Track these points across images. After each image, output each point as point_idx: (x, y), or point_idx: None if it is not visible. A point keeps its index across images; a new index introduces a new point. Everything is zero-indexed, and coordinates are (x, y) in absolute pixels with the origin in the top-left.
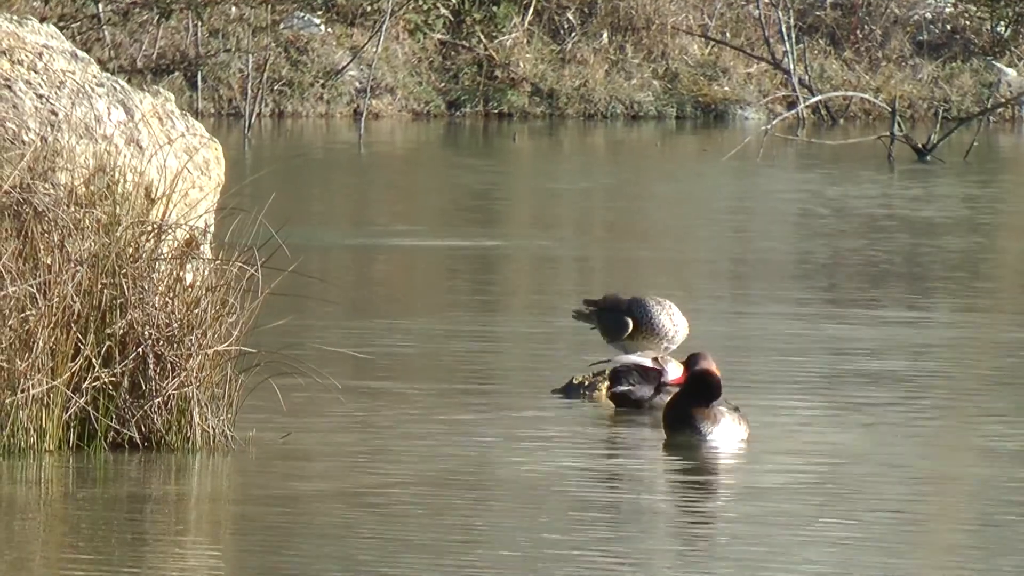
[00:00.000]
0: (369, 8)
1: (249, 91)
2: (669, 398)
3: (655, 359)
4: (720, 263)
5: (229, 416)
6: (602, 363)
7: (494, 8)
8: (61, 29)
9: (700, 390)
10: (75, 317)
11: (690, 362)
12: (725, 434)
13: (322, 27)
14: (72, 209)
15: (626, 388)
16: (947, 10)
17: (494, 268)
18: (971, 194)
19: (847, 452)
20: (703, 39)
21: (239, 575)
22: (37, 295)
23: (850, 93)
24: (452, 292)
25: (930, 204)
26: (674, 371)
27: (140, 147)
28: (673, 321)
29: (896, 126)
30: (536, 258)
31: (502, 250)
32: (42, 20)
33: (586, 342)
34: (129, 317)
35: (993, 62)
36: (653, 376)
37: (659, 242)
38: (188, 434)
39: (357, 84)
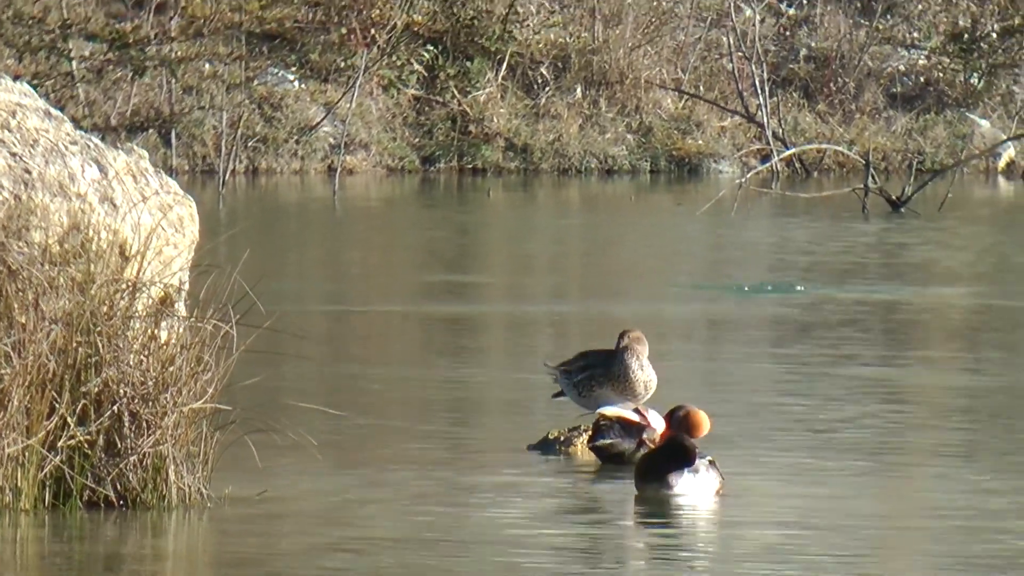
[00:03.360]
0: (343, 64)
1: (223, 148)
2: (646, 451)
3: (637, 410)
4: (695, 317)
5: (205, 474)
6: (587, 414)
7: (468, 63)
8: (35, 87)
9: (675, 454)
10: (50, 376)
11: (672, 417)
12: (696, 486)
13: (296, 83)
14: (46, 267)
15: (608, 441)
16: (920, 62)
17: (468, 325)
18: (945, 245)
19: (819, 506)
20: (677, 93)
21: None
22: (11, 354)
23: (824, 145)
24: (427, 349)
25: (904, 255)
26: (656, 421)
27: (114, 205)
28: (647, 384)
29: (870, 178)
30: (511, 315)
31: (477, 308)
32: (16, 78)
33: (563, 398)
34: (104, 375)
35: (967, 113)
36: (636, 430)
37: (634, 297)
38: (164, 492)
39: (331, 140)
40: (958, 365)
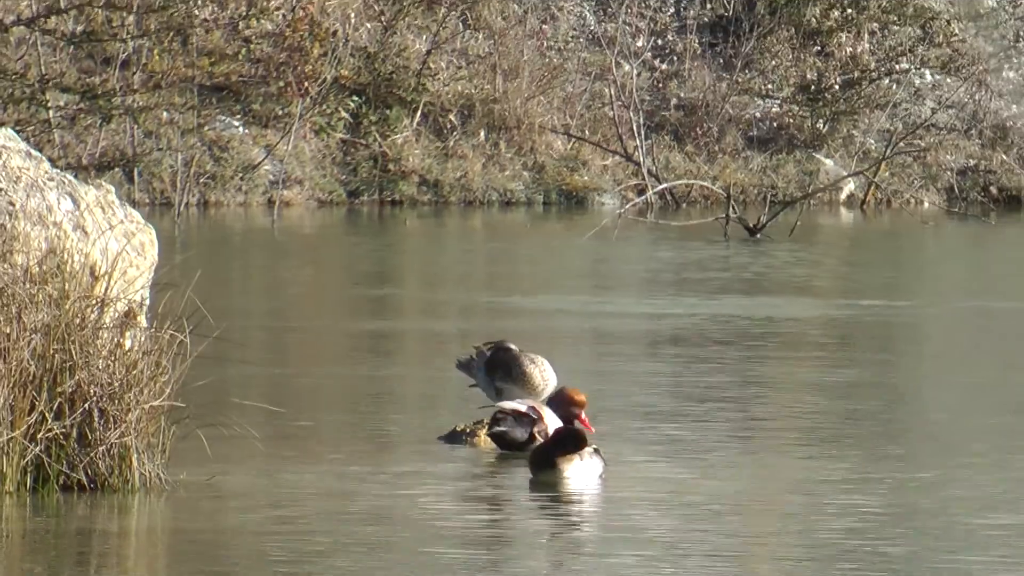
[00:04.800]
0: (281, 112)
1: (178, 184)
2: (540, 442)
3: (533, 407)
4: (585, 329)
5: (163, 461)
6: (488, 407)
7: (387, 111)
8: (17, 132)
9: (567, 440)
10: (31, 378)
11: (557, 397)
12: (583, 470)
13: (241, 128)
14: (27, 286)
15: (503, 429)
16: (774, 110)
17: (388, 334)
18: (795, 265)
19: (690, 487)
20: (566, 136)
21: None
22: None
23: (691, 181)
24: (352, 354)
25: (760, 273)
26: (550, 418)
27: (85, 232)
28: (544, 376)
29: (731, 209)
30: (425, 325)
31: (396, 319)
32: (0, 125)
33: (469, 395)
34: (77, 377)
35: (813, 153)
36: (527, 421)
37: (531, 310)
38: (128, 477)
39: (271, 177)
40: (813, 365)
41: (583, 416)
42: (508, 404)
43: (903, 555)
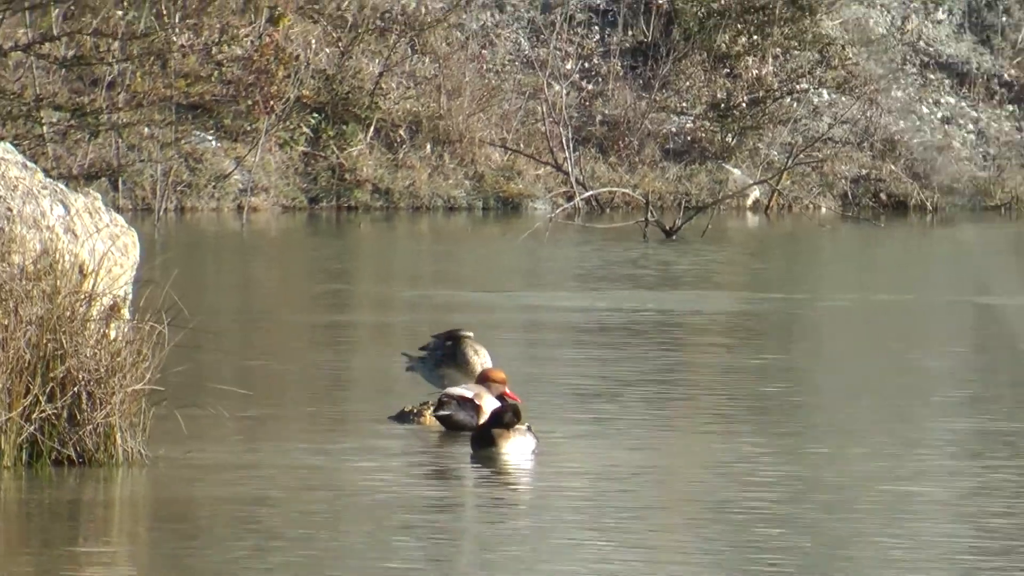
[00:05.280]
0: (249, 128)
1: (158, 191)
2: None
3: (477, 395)
4: (521, 321)
5: (144, 438)
6: (435, 392)
7: (344, 127)
8: (15, 146)
9: (502, 419)
10: (26, 364)
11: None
12: (518, 447)
13: (214, 142)
14: (23, 283)
15: (447, 413)
16: (688, 125)
17: (345, 325)
18: (706, 263)
19: (614, 460)
20: (503, 149)
21: (152, 555)
22: None
23: (614, 188)
24: (313, 343)
25: (676, 270)
26: (490, 402)
27: (75, 235)
28: (483, 365)
29: (649, 213)
30: (378, 318)
31: (352, 312)
32: None
33: (417, 380)
34: (67, 364)
35: (723, 164)
36: (471, 406)
37: (472, 304)
38: (112, 453)
39: (240, 185)
40: (724, 352)
41: (507, 390)
42: (455, 390)
43: (805, 519)
